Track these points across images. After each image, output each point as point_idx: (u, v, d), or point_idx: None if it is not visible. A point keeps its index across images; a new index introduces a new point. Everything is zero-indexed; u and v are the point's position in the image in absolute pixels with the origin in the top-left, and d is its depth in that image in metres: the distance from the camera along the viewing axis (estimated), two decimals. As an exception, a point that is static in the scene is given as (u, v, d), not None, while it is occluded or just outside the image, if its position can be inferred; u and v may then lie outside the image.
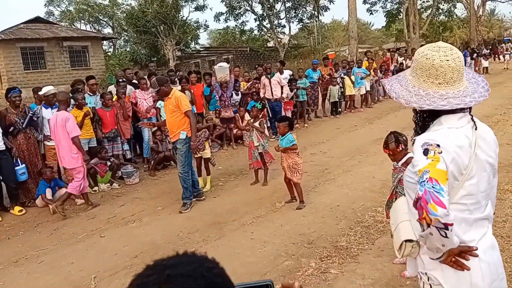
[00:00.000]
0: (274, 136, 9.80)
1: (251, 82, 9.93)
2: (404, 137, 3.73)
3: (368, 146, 8.67)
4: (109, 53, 42.46)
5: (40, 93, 6.79)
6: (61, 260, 4.67)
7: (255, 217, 5.40)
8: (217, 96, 9.16)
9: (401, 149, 3.67)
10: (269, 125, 10.28)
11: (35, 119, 6.66)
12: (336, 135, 10.13)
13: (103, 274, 4.25)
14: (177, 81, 8.88)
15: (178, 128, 5.73)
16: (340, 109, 12.90)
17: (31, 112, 6.62)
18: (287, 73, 11.28)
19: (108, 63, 30.15)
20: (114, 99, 7.77)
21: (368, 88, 13.62)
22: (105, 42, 43.54)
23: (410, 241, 1.87)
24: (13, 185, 6.33)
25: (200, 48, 39.26)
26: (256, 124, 6.71)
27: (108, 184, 7.17)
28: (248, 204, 5.93)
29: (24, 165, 6.36)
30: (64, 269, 4.46)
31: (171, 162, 7.95)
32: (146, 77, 8.81)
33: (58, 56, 25.66)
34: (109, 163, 7.16)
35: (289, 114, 10.92)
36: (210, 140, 8.47)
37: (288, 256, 4.31)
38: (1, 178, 6.38)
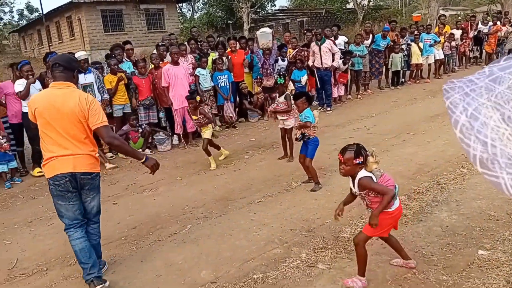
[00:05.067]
0: (320, 107, 9.29)
1: (297, 49, 9.36)
2: (365, 152, 3.09)
3: (420, 123, 7.87)
4: (188, 15, 43.24)
5: (73, 58, 6.93)
6: (68, 225, 4.80)
7: (265, 196, 5.13)
8: (259, 63, 8.77)
9: (357, 163, 3.07)
10: (317, 95, 9.77)
11: None
12: (389, 109, 9.33)
13: (96, 244, 4.29)
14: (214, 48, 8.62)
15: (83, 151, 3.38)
16: (403, 79, 11.85)
17: None
18: (341, 39, 10.44)
19: (183, 26, 30.68)
20: (151, 67, 7.76)
21: (439, 57, 12.29)
22: (184, 5, 44.38)
23: None
24: (38, 147, 6.62)
25: (276, 10, 38.33)
26: (282, 99, 6.22)
27: (140, 150, 7.27)
28: (264, 181, 5.67)
29: None
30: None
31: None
32: (186, 43, 8.68)
33: (135, 19, 26.55)
34: (140, 130, 7.23)
35: (341, 88, 10.27)
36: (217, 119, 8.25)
37: (280, 243, 4.02)
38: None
